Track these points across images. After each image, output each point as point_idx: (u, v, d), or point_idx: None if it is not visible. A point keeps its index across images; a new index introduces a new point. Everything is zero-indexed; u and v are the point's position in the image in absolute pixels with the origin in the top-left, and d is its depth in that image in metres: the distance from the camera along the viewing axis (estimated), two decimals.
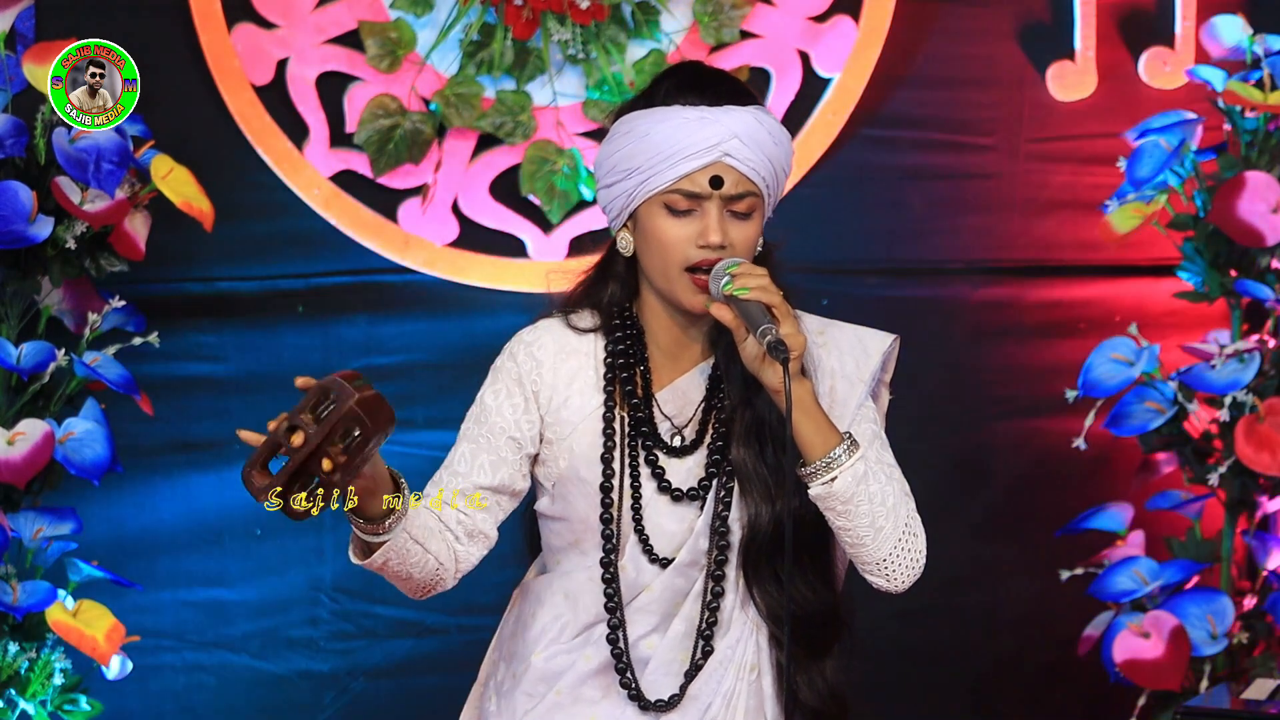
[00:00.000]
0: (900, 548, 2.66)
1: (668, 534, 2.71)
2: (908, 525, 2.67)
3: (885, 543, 2.64)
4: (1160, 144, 4.21)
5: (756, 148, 2.63)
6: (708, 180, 2.63)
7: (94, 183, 3.91)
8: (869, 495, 2.62)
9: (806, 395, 2.60)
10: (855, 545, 2.65)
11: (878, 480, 2.64)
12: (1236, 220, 4.19)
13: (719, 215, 2.64)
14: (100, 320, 4.04)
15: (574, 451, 2.74)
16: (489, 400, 2.77)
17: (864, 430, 2.70)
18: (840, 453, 2.60)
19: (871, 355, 2.74)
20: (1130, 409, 4.26)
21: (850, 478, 2.60)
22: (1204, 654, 4.19)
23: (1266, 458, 4.17)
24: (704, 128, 2.63)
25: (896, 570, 2.67)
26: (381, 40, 4.33)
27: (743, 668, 2.72)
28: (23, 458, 3.96)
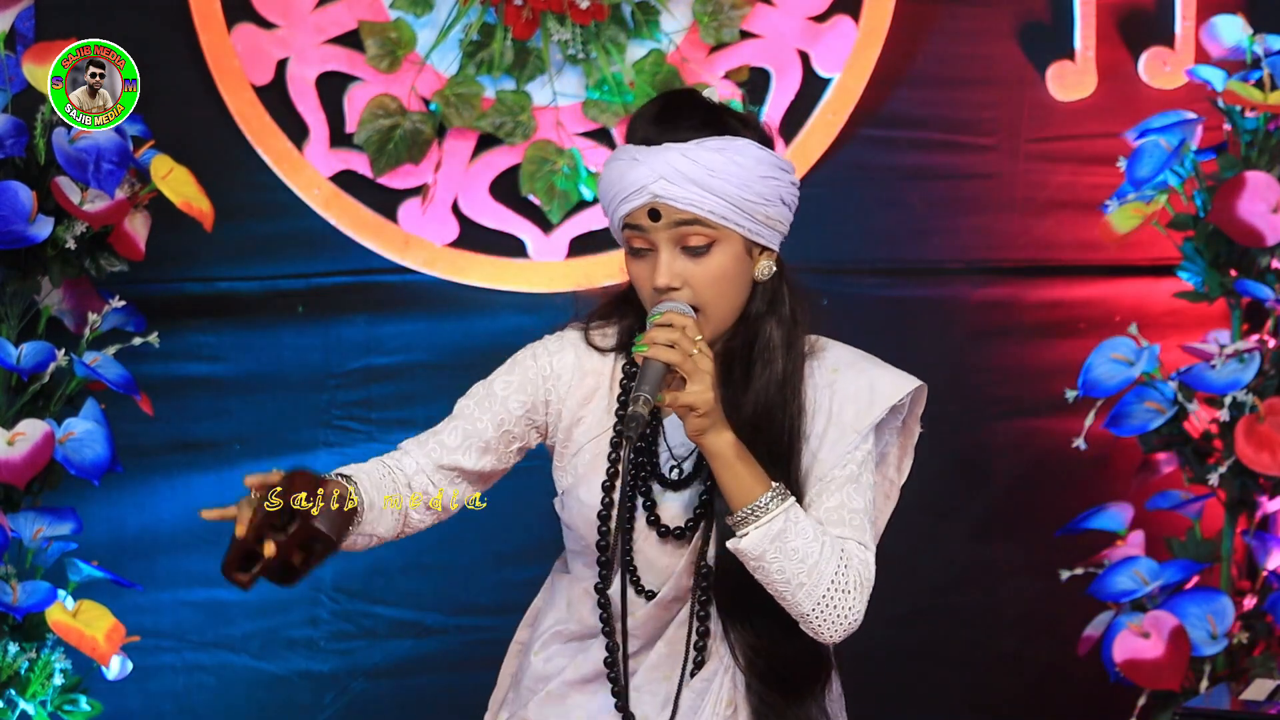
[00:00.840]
0: (824, 604, 2.61)
1: (656, 569, 2.71)
2: (834, 582, 2.60)
3: (806, 599, 2.60)
4: (1160, 144, 4.21)
5: (689, 185, 2.60)
6: (647, 214, 2.62)
7: (94, 183, 3.91)
8: (785, 552, 2.59)
9: (726, 448, 2.58)
10: (778, 597, 2.62)
11: (801, 536, 2.59)
12: (1236, 220, 4.19)
13: (669, 255, 2.63)
14: (100, 320, 4.04)
15: (578, 471, 2.74)
16: (499, 389, 2.75)
17: (838, 475, 2.67)
18: (754, 510, 2.59)
19: (875, 405, 2.70)
20: (1130, 409, 4.26)
21: (760, 535, 2.58)
22: (1204, 654, 4.19)
23: (1266, 458, 4.17)
24: (633, 169, 2.63)
25: (821, 625, 2.62)
26: (381, 40, 4.33)
27: (719, 703, 2.71)
28: (23, 458, 3.96)
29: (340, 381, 4.41)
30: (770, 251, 2.69)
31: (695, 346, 2.57)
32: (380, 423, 4.42)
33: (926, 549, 4.55)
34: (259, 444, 4.38)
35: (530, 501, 4.26)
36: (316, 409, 4.41)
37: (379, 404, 4.42)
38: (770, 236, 2.68)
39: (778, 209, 2.67)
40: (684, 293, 2.63)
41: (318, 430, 4.41)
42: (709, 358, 2.58)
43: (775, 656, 2.68)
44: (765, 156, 2.65)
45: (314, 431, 4.40)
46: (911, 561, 4.54)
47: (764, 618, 2.67)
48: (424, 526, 2.79)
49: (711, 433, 2.58)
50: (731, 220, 2.62)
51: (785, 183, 2.67)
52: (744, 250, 2.66)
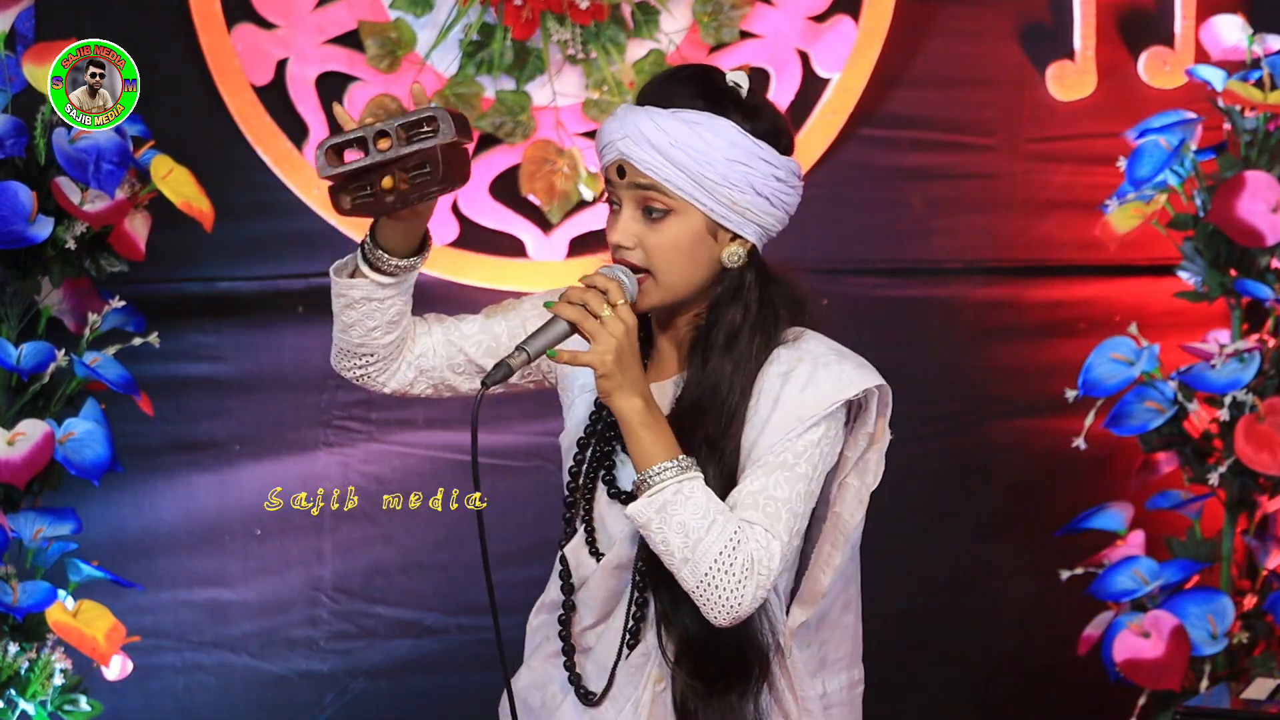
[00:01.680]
0: (706, 582, 2.57)
1: (608, 532, 2.73)
2: (718, 562, 2.57)
3: (690, 575, 2.58)
4: (1160, 144, 4.21)
5: (649, 149, 2.62)
6: (615, 169, 2.65)
7: (94, 183, 3.91)
8: (670, 525, 2.58)
9: (630, 413, 2.59)
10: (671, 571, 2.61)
11: (689, 511, 2.58)
12: (1236, 220, 4.20)
13: (630, 214, 2.66)
14: (100, 320, 4.04)
15: (569, 424, 2.80)
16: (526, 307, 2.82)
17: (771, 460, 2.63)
18: (647, 477, 2.60)
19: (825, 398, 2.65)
20: (1130, 409, 4.26)
21: (645, 504, 2.59)
22: (1204, 654, 4.19)
23: (1266, 457, 4.17)
24: (611, 123, 2.67)
25: (704, 604, 2.59)
26: (381, 40, 4.33)
27: (650, 677, 2.72)
28: (23, 458, 3.96)
29: (340, 381, 4.41)
30: (742, 239, 2.68)
31: (606, 308, 2.59)
32: (380, 423, 4.42)
33: (926, 549, 4.56)
34: (259, 444, 4.38)
35: (530, 501, 4.28)
36: (316, 409, 4.41)
37: (379, 404, 4.42)
38: (739, 223, 2.67)
39: (748, 196, 2.66)
40: (636, 253, 2.65)
41: (318, 430, 4.41)
42: (624, 324, 2.58)
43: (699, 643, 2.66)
44: (743, 142, 2.65)
45: (314, 431, 4.41)
46: (911, 561, 4.55)
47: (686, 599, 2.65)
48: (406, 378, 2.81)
49: (617, 396, 2.59)
50: (690, 195, 2.63)
51: (761, 174, 2.66)
52: (705, 229, 2.66)
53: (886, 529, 4.53)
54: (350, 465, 4.41)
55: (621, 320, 2.59)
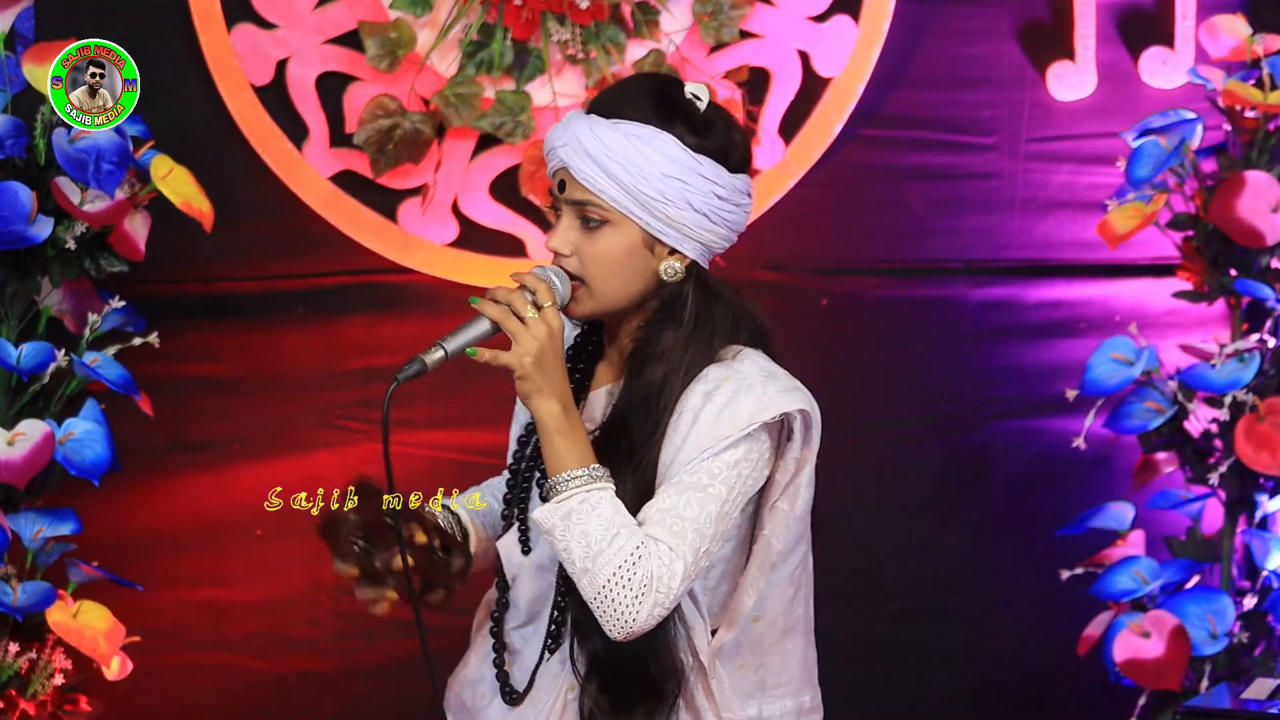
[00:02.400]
0: (603, 595, 2.56)
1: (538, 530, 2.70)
2: (616, 576, 2.54)
3: (589, 586, 2.57)
4: (1160, 144, 4.21)
5: (586, 160, 2.62)
6: (557, 183, 2.66)
7: (94, 183, 3.91)
8: (573, 534, 2.57)
9: (547, 417, 2.60)
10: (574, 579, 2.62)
11: (593, 522, 2.57)
12: (1236, 220, 4.20)
13: (568, 223, 2.66)
14: (100, 321, 4.04)
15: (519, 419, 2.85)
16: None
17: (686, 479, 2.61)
18: (556, 483, 2.59)
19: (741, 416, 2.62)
20: (1130, 409, 4.26)
21: (550, 510, 2.59)
22: (1204, 654, 4.19)
23: (1266, 457, 4.17)
24: (554, 130, 2.68)
25: (601, 617, 2.57)
26: (381, 40, 4.33)
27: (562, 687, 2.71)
28: (23, 458, 3.96)
29: (340, 381, 4.41)
30: (680, 254, 2.66)
31: (530, 310, 2.59)
32: (380, 423, 4.41)
33: (926, 549, 4.56)
34: (259, 444, 4.38)
35: None
36: (316, 409, 4.41)
37: (379, 404, 4.41)
38: (676, 238, 2.65)
39: (685, 212, 2.64)
40: (572, 261, 2.65)
41: (318, 430, 4.41)
42: (547, 326, 2.59)
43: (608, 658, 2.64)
44: (682, 158, 2.62)
45: (314, 431, 4.41)
46: (911, 561, 4.55)
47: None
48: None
49: (535, 399, 2.59)
50: (625, 208, 2.62)
51: (700, 190, 2.64)
52: (642, 241, 2.64)
53: (887, 529, 4.56)
54: (350, 465, 4.40)
55: (545, 323, 2.59)
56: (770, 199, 4.41)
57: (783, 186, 4.42)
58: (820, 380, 4.47)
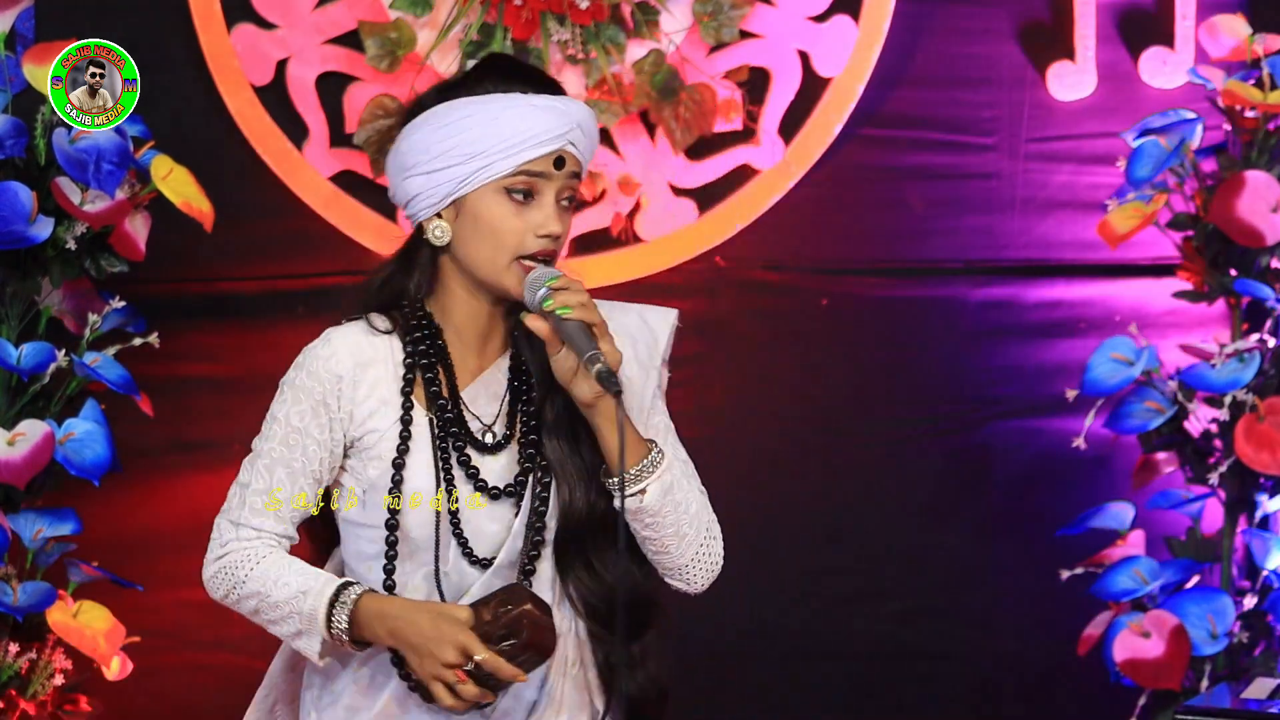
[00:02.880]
0: (702, 552, 2.64)
1: (487, 535, 2.66)
2: (708, 529, 2.64)
3: (688, 549, 2.62)
4: (1160, 144, 4.21)
5: (590, 140, 2.68)
6: (552, 161, 2.63)
7: (94, 183, 3.91)
8: (674, 504, 2.61)
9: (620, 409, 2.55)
10: (659, 553, 2.64)
11: (682, 489, 2.63)
12: (1236, 220, 4.19)
13: (552, 203, 2.64)
14: (100, 321, 4.04)
15: (384, 459, 2.68)
16: (295, 421, 2.71)
17: (658, 423, 2.68)
18: (648, 465, 2.60)
19: (659, 336, 2.70)
20: (1130, 409, 4.26)
21: (658, 490, 2.60)
22: (1204, 654, 4.19)
23: (1266, 457, 4.17)
24: (551, 114, 2.64)
25: (696, 575, 2.65)
26: (381, 40, 4.33)
27: (564, 663, 2.69)
28: (23, 458, 3.96)
29: None
30: None
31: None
32: None
33: (926, 549, 4.55)
34: None
35: None
36: None
37: None
38: None
39: None
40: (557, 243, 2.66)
41: None
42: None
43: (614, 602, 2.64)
44: None
45: None
46: (911, 561, 4.54)
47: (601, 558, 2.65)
48: None
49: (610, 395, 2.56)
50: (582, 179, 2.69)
51: None
52: None
53: (887, 529, 4.56)
54: None
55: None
56: (770, 199, 4.40)
57: (783, 186, 4.42)
58: (820, 380, 4.50)
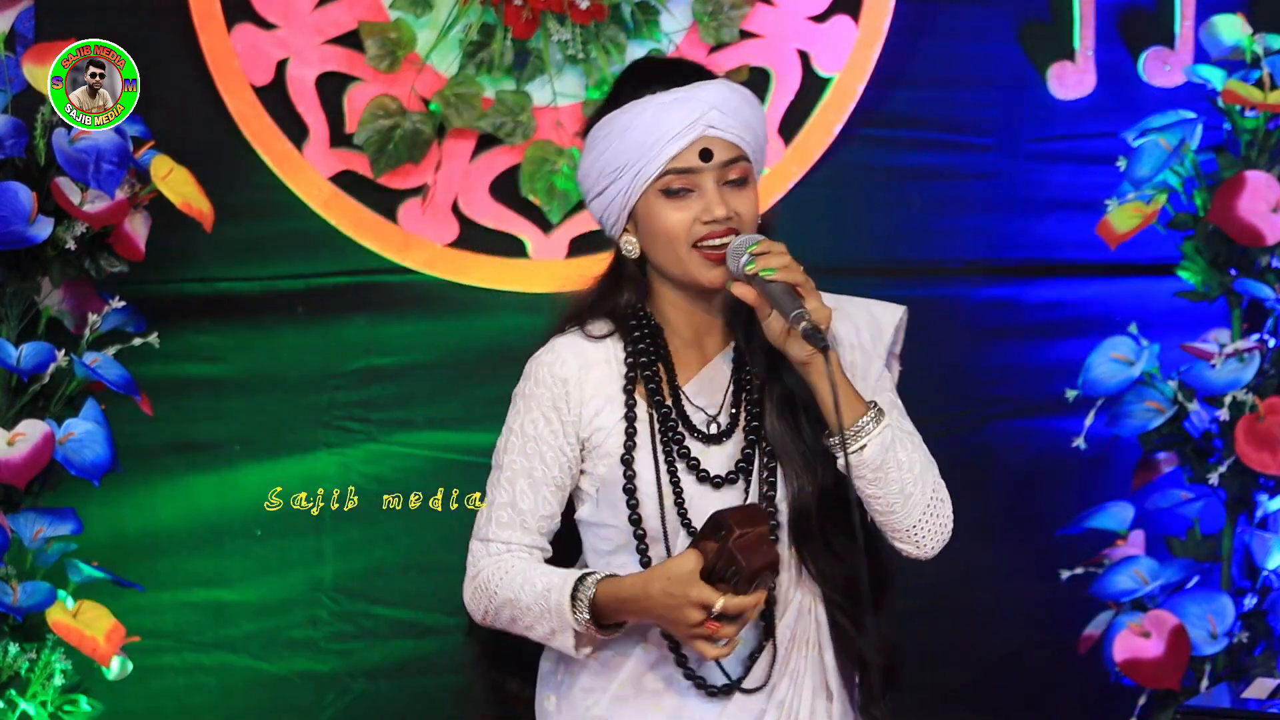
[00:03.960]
0: (929, 513, 2.69)
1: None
2: (934, 491, 2.70)
3: (914, 509, 2.68)
4: (1160, 143, 4.21)
5: (735, 114, 2.68)
6: (697, 154, 2.66)
7: (94, 183, 3.91)
8: (897, 462, 2.66)
9: (834, 366, 2.61)
10: (885, 513, 2.68)
11: (904, 448, 2.67)
12: (1236, 220, 4.20)
13: (716, 189, 2.67)
14: (100, 321, 4.04)
15: (612, 455, 2.73)
16: (530, 430, 2.74)
17: (884, 400, 2.72)
18: (868, 421, 2.63)
19: (885, 328, 2.77)
20: (1130, 409, 4.26)
21: (878, 445, 2.63)
22: (1204, 654, 4.19)
23: (1266, 457, 4.18)
24: (680, 107, 2.66)
25: (925, 536, 2.70)
26: (381, 40, 4.33)
27: (806, 645, 2.74)
28: (23, 458, 3.96)
29: (340, 382, 4.41)
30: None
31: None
32: (380, 423, 4.42)
33: None
34: (259, 444, 4.38)
35: None
36: (316, 409, 4.41)
37: (379, 404, 4.42)
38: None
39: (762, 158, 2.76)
40: (733, 223, 2.67)
41: (318, 430, 4.41)
42: None
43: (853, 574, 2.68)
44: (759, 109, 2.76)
45: (314, 432, 4.40)
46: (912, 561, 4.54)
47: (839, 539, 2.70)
48: None
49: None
50: (756, 156, 2.71)
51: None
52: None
53: None
54: (350, 465, 4.41)
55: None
56: (770, 199, 4.40)
57: (783, 186, 4.42)
58: None
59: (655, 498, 2.71)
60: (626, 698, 2.73)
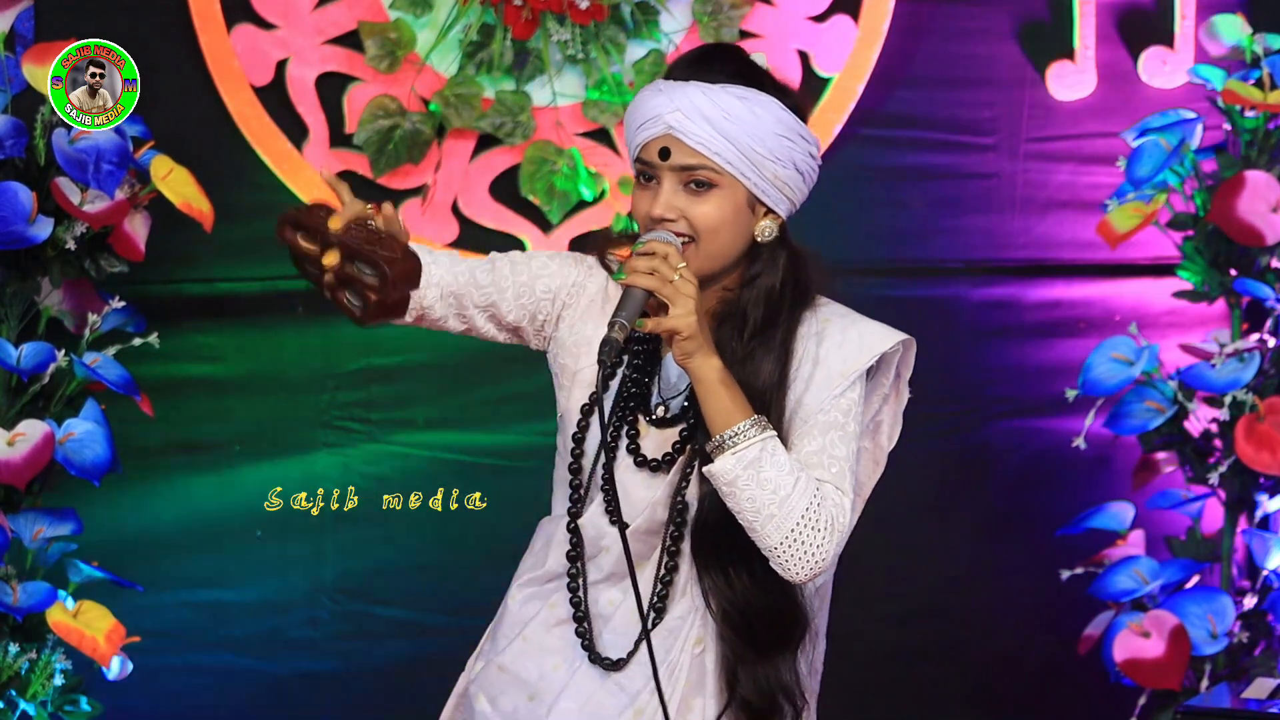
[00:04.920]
0: (792, 539, 2.61)
1: (633, 500, 2.71)
2: (804, 517, 2.61)
3: (775, 532, 2.61)
4: (1160, 143, 4.22)
5: (702, 122, 2.65)
6: (658, 150, 2.66)
7: (94, 183, 3.92)
8: (759, 480, 2.60)
9: (711, 373, 2.61)
10: (748, 529, 2.63)
11: (775, 468, 2.61)
12: (1236, 220, 4.20)
13: (670, 188, 2.66)
14: (100, 321, 4.05)
15: (572, 394, 2.77)
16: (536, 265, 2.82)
17: (822, 420, 2.68)
18: (732, 435, 2.61)
19: (864, 352, 2.72)
20: (1130, 409, 4.26)
21: (734, 460, 2.60)
22: (1204, 653, 4.19)
23: (1266, 457, 4.18)
24: (654, 98, 2.67)
25: (788, 561, 2.62)
26: (381, 41, 4.33)
27: (688, 640, 2.71)
28: (23, 458, 3.96)
29: (340, 382, 4.42)
30: (775, 215, 2.72)
31: (676, 273, 2.60)
32: (380, 423, 4.42)
33: (926, 549, 4.55)
34: (259, 444, 4.38)
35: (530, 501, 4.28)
36: (316, 409, 4.41)
37: (379, 404, 4.42)
38: (776, 198, 2.71)
39: (789, 172, 2.71)
40: (679, 224, 2.67)
41: (318, 430, 4.41)
42: (692, 284, 2.60)
43: (747, 607, 2.68)
44: (787, 119, 2.70)
45: (314, 432, 4.41)
46: (911, 561, 4.55)
47: (739, 567, 2.67)
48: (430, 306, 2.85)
49: (698, 356, 2.61)
50: (737, 169, 2.66)
51: (802, 150, 2.73)
52: (745, 202, 2.69)
53: (886, 529, 4.55)
54: (350, 465, 4.41)
55: (690, 282, 2.61)
56: None
57: None
58: None
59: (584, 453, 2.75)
60: (529, 651, 2.77)
